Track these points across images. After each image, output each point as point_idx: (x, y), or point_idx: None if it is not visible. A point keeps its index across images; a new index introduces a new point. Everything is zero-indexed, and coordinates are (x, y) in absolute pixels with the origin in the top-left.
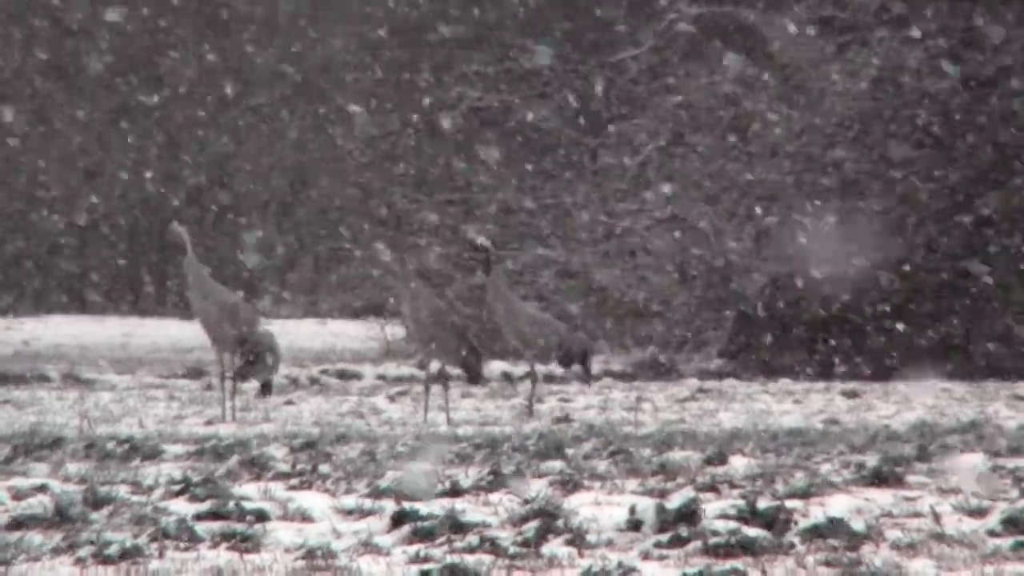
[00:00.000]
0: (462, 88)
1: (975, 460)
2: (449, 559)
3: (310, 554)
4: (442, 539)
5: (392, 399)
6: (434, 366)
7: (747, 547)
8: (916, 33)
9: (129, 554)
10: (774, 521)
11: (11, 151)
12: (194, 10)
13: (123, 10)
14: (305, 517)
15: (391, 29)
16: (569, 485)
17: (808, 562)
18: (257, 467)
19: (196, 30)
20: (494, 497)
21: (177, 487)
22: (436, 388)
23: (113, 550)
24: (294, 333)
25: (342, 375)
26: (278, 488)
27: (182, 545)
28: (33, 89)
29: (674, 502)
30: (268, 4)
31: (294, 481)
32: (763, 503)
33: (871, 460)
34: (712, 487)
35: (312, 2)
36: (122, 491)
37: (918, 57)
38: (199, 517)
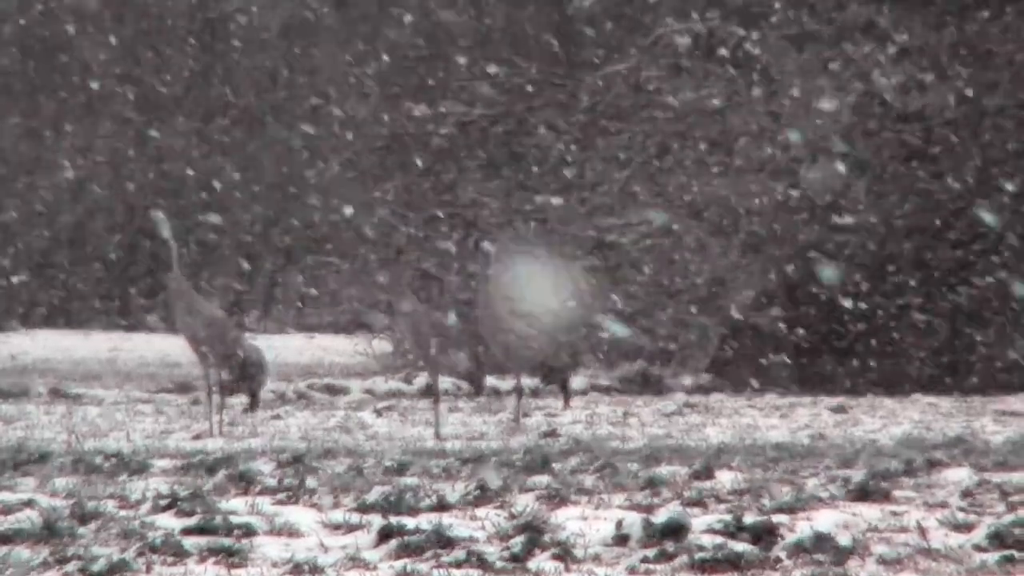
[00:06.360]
0: (450, 102)
1: (962, 474)
2: (436, 574)
3: (297, 569)
4: (429, 554)
5: (379, 414)
6: (421, 380)
7: (734, 562)
8: (901, 48)
9: (116, 569)
10: (761, 536)
11: None
12: (183, 22)
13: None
14: (292, 532)
15: (379, 44)
16: (556, 500)
17: None
18: (244, 482)
19: (184, 43)
20: (481, 512)
21: (164, 502)
22: (423, 403)
23: (100, 565)
24: (281, 347)
25: (329, 389)
26: (265, 503)
27: (169, 560)
28: (18, 104)
29: (661, 517)
30: (258, 16)
31: (281, 496)
32: (750, 518)
33: (857, 475)
34: (699, 502)
35: (301, 15)
36: (109, 506)
37: (905, 71)
38: (186, 532)
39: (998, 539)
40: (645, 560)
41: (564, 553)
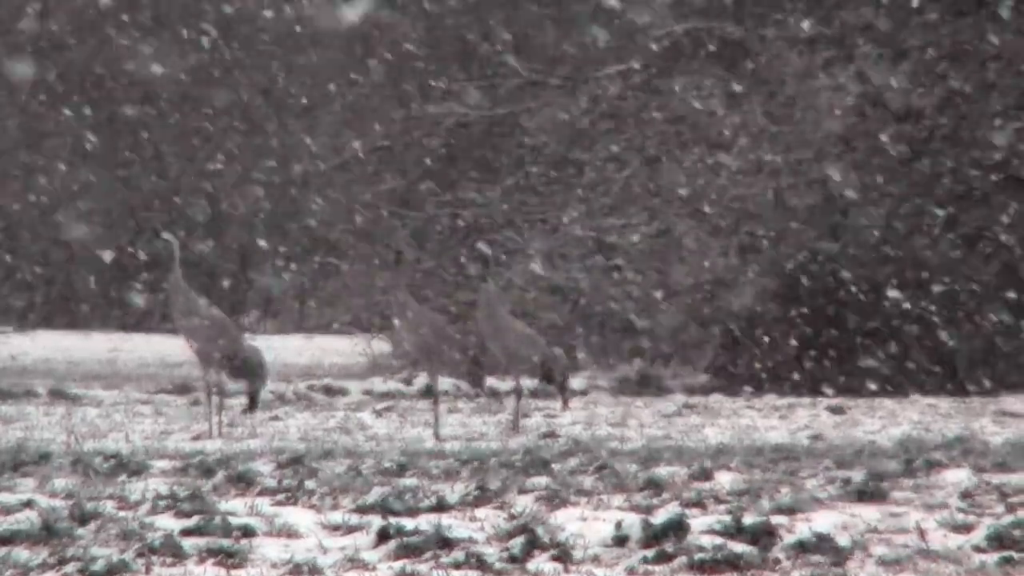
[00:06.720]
0: (448, 104)
1: (961, 475)
2: (435, 575)
3: (296, 569)
4: (428, 555)
5: (378, 414)
6: (420, 381)
7: (733, 563)
8: (901, 50)
9: (116, 570)
10: (760, 537)
11: None
12: (180, 27)
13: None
14: (291, 533)
15: (376, 45)
16: (555, 501)
17: None
18: (243, 483)
19: (182, 45)
20: (480, 512)
21: (164, 503)
22: (423, 403)
23: (99, 566)
24: (280, 348)
25: (328, 390)
26: (264, 504)
27: (168, 561)
28: (16, 104)
29: (660, 518)
30: (254, 21)
31: (280, 497)
32: (749, 519)
33: (857, 476)
34: (698, 503)
35: (298, 17)
36: (109, 506)
37: (905, 72)
38: (185, 533)
39: (997, 540)
40: (644, 561)
41: (563, 554)
